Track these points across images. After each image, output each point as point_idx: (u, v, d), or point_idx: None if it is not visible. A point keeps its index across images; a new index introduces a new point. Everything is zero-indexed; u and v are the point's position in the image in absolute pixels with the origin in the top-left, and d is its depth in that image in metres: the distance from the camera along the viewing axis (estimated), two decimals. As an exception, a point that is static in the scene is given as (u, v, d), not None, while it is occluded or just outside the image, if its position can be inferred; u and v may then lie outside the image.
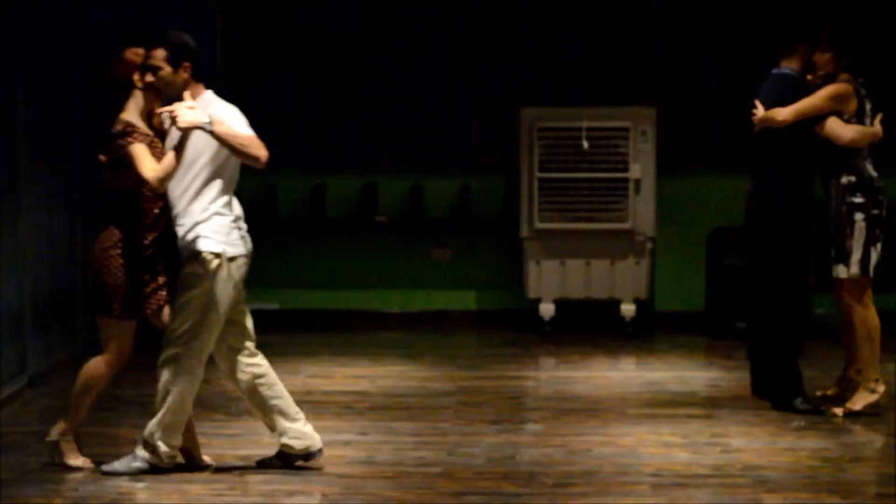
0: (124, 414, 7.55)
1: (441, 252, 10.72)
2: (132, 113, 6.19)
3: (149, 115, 6.20)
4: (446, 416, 7.58)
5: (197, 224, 6.05)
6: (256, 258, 6.38)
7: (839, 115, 7.42)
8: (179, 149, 5.97)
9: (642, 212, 9.98)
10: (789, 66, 7.58)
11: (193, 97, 6.05)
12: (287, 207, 10.60)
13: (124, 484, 6.16)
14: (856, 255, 7.45)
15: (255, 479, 6.26)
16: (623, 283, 10.09)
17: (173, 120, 5.96)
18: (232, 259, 6.10)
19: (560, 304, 10.14)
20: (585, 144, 9.81)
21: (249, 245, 6.22)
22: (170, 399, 6.12)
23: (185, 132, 5.93)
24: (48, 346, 8.55)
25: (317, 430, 6.40)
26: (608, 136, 9.86)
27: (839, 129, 7.40)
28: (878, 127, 7.46)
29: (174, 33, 6.11)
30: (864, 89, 7.51)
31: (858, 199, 7.44)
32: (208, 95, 6.15)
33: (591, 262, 10.06)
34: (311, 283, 10.61)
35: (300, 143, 10.29)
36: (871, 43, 7.74)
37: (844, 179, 7.46)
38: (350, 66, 10.52)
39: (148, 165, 6.00)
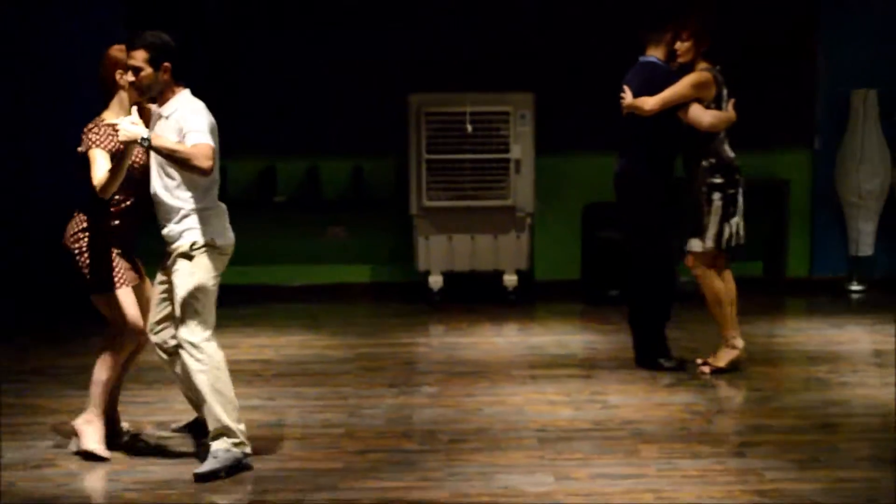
0: (37, 384, 7.60)
1: (335, 230, 10.69)
2: (113, 111, 6.13)
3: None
4: (347, 381, 7.71)
5: (184, 217, 5.94)
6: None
7: (700, 101, 7.61)
8: (121, 161, 5.88)
9: (522, 189, 10.09)
10: (655, 54, 7.77)
11: (171, 96, 5.95)
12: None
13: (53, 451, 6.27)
14: (711, 231, 7.68)
15: (171, 444, 6.35)
16: (505, 255, 10.23)
17: (116, 134, 5.86)
18: (219, 248, 6.01)
19: (448, 275, 10.27)
20: (469, 128, 9.93)
21: (232, 235, 6.13)
22: (206, 386, 5.96)
23: (127, 146, 5.83)
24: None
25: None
26: (490, 120, 9.97)
27: (700, 115, 7.57)
28: (731, 112, 7.65)
29: (154, 33, 5.93)
30: (720, 76, 7.66)
31: (717, 180, 7.63)
32: (184, 95, 6.00)
33: (476, 236, 10.20)
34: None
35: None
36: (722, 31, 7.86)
37: (705, 162, 7.64)
38: (248, 53, 10.44)
39: (98, 173, 5.95)
